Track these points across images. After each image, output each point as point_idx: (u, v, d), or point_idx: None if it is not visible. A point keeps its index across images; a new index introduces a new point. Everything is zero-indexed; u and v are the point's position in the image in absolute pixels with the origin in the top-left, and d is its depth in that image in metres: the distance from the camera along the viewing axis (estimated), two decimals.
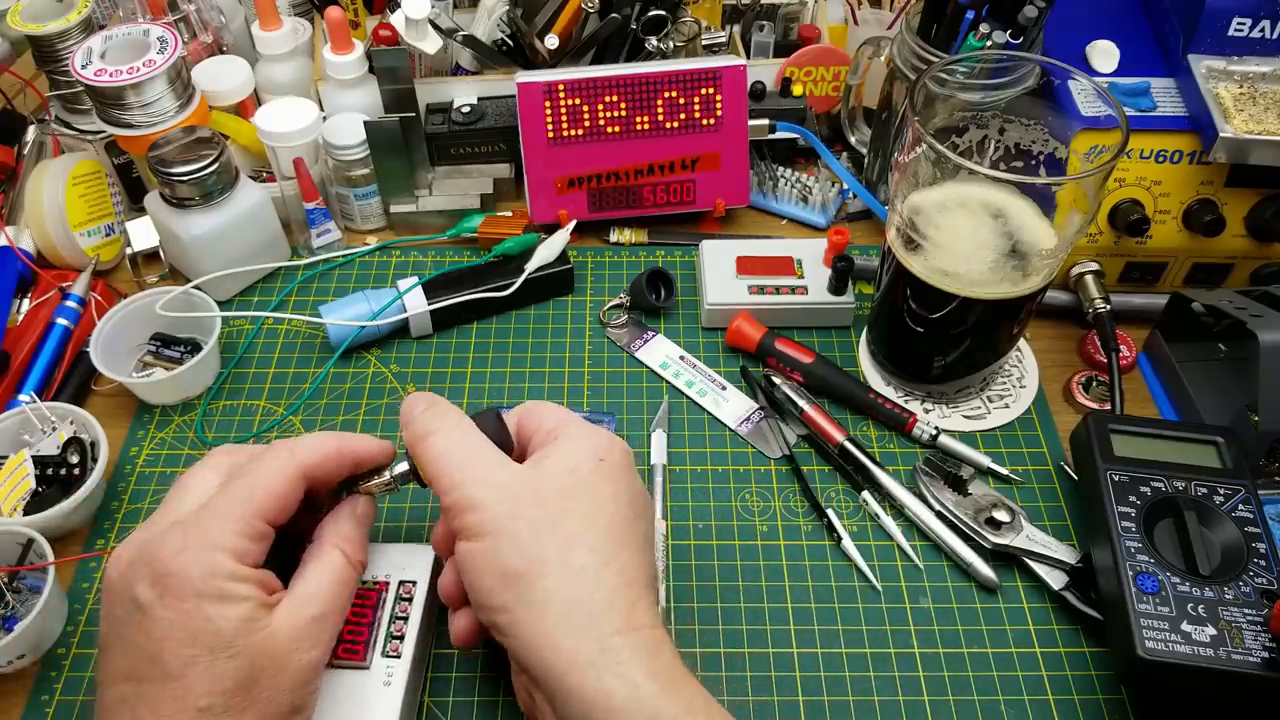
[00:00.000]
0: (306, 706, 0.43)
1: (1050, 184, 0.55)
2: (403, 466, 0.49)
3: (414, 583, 0.51)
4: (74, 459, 0.58)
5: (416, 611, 0.50)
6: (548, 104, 0.69)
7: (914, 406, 0.64)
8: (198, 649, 0.39)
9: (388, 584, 0.50)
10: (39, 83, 0.77)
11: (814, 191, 0.76)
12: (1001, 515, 0.56)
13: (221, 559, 0.41)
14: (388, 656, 0.48)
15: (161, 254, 0.70)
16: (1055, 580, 0.55)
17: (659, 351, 0.67)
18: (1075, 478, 0.59)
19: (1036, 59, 0.59)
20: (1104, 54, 0.65)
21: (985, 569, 0.55)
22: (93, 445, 0.59)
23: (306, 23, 0.80)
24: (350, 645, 0.48)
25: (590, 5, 0.71)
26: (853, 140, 0.78)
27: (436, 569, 0.52)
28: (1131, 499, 0.52)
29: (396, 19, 0.72)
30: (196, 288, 0.66)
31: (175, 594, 0.40)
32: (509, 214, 0.75)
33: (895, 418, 0.62)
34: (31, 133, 0.77)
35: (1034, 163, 0.59)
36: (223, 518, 0.42)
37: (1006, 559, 0.56)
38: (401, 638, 0.49)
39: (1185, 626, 0.47)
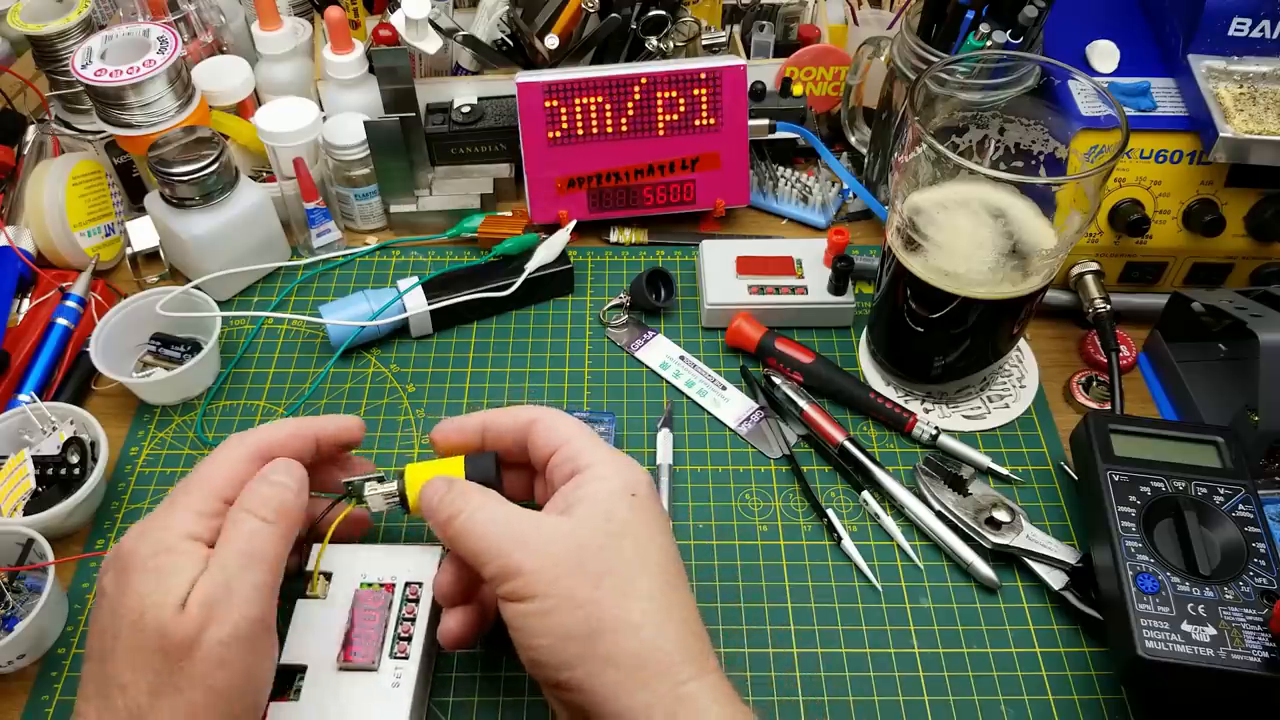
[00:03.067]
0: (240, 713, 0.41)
1: (1050, 184, 0.55)
2: (392, 485, 0.50)
3: (420, 584, 0.51)
4: (74, 459, 0.58)
5: (423, 613, 0.50)
6: (548, 104, 0.69)
7: (914, 406, 0.64)
8: (121, 625, 0.39)
9: (394, 586, 0.50)
10: (39, 83, 0.77)
11: (814, 191, 0.76)
12: (1001, 515, 0.56)
13: (167, 535, 0.41)
14: (396, 658, 0.48)
15: (161, 254, 0.70)
16: (1055, 580, 0.55)
17: (659, 351, 0.67)
18: (1075, 478, 0.59)
19: (1036, 59, 0.59)
20: (1104, 54, 0.65)
21: (985, 569, 0.55)
22: (93, 445, 0.59)
23: (306, 23, 0.80)
24: (358, 647, 0.48)
25: (590, 5, 0.71)
26: (853, 140, 0.78)
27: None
28: (1131, 499, 0.52)
29: (396, 19, 0.72)
30: (196, 288, 0.66)
31: (123, 572, 0.41)
32: (509, 214, 0.75)
33: (895, 418, 0.62)
34: (31, 133, 0.77)
35: (1034, 163, 0.59)
36: (174, 502, 0.44)
37: (1006, 559, 0.56)
38: (409, 639, 0.49)
39: (1185, 626, 0.47)
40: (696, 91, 0.70)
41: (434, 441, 0.50)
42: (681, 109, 0.70)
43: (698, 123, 0.71)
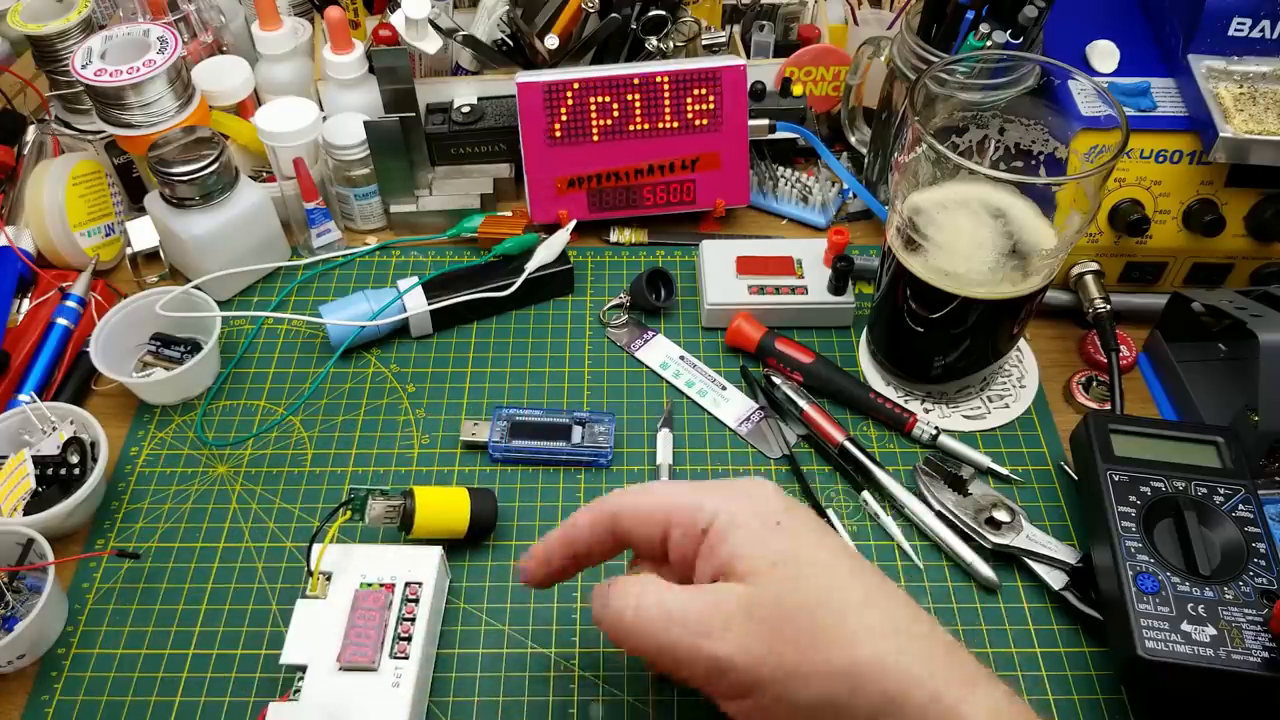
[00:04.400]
0: None
1: (1050, 184, 0.55)
2: (395, 501, 0.53)
3: (420, 584, 0.51)
4: (74, 459, 0.58)
5: (423, 613, 0.50)
6: (548, 104, 0.69)
7: (914, 406, 0.64)
8: None
9: (394, 586, 0.50)
10: (39, 83, 0.77)
11: (814, 191, 0.76)
12: (1001, 515, 0.56)
13: None
14: (396, 658, 0.48)
15: (161, 254, 0.70)
16: (1055, 580, 0.55)
17: (659, 351, 0.67)
18: (1075, 478, 0.59)
19: (1036, 59, 0.59)
20: (1104, 54, 0.65)
21: (985, 569, 0.55)
22: (93, 445, 0.59)
23: (306, 23, 0.80)
24: (358, 647, 0.48)
25: (590, 5, 0.71)
26: (853, 140, 0.78)
27: (441, 569, 0.52)
28: (1131, 499, 0.52)
29: (396, 19, 0.72)
30: (196, 288, 0.66)
31: None
32: (509, 214, 0.75)
33: (895, 418, 0.62)
34: (31, 133, 0.77)
35: (1034, 163, 0.59)
36: None
37: (1006, 559, 0.56)
38: (409, 639, 0.49)
39: (1185, 626, 0.47)
40: (696, 91, 0.70)
41: (528, 576, 0.46)
42: (681, 109, 0.70)
43: (698, 123, 0.71)
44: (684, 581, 0.42)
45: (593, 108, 0.69)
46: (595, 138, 0.71)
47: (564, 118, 0.70)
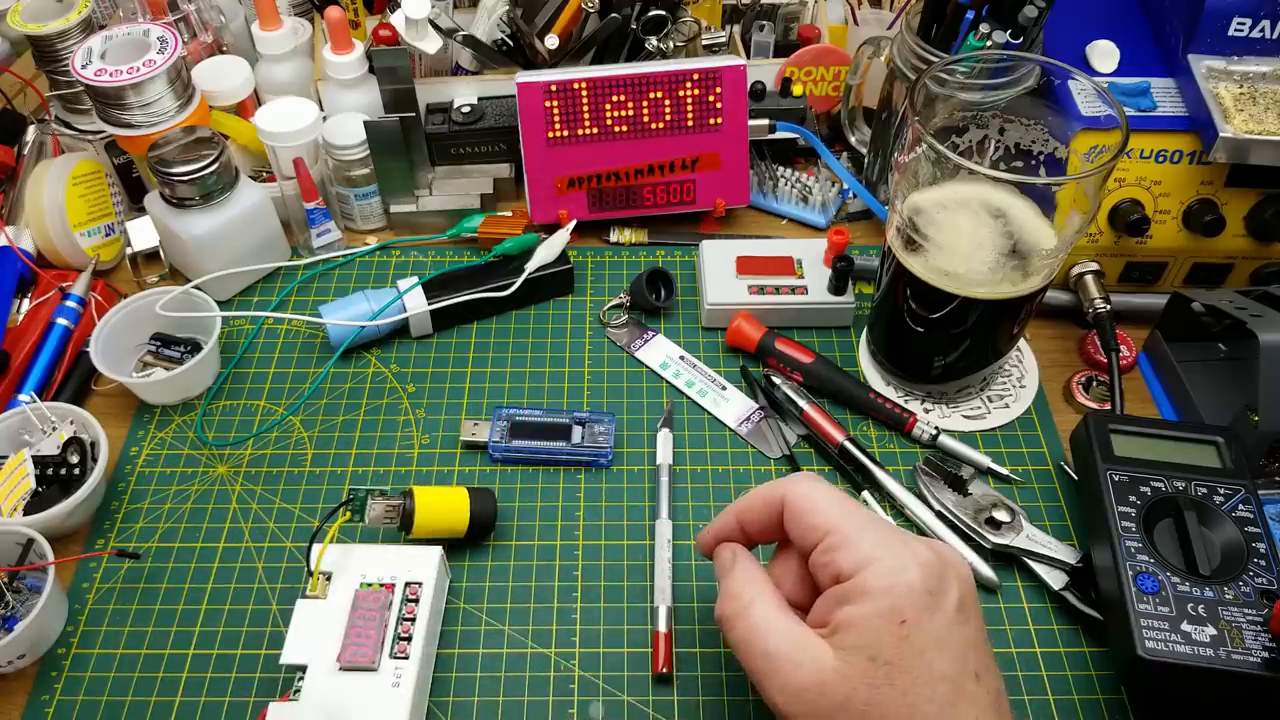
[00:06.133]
0: None
1: (1050, 184, 0.55)
2: (395, 501, 0.53)
3: (420, 584, 0.51)
4: (74, 459, 0.58)
5: (423, 613, 0.50)
6: (548, 104, 0.69)
7: (914, 406, 0.64)
8: None
9: (394, 586, 0.50)
10: (39, 83, 0.77)
11: (814, 191, 0.76)
12: (1001, 515, 0.56)
13: None
14: (396, 658, 0.48)
15: (161, 254, 0.70)
16: (1055, 580, 0.55)
17: (659, 351, 0.67)
18: (1075, 478, 0.59)
19: (1036, 59, 0.59)
20: (1104, 54, 0.65)
21: (985, 569, 0.55)
22: (93, 445, 0.59)
23: (306, 23, 0.80)
24: (358, 647, 0.48)
25: (590, 5, 0.71)
26: (853, 140, 0.78)
27: (441, 569, 0.53)
28: (1131, 499, 0.52)
29: (396, 19, 0.72)
30: (196, 288, 0.66)
31: None
32: (509, 214, 0.75)
33: (895, 418, 0.62)
34: (31, 133, 0.77)
35: (1034, 163, 0.59)
36: None
37: (1006, 559, 0.56)
38: (409, 639, 0.49)
39: (1185, 626, 0.47)
40: (696, 91, 0.70)
41: (701, 549, 0.49)
42: (681, 109, 0.70)
43: (697, 123, 0.71)
44: (804, 576, 0.44)
45: (593, 108, 0.69)
46: (595, 138, 0.71)
47: (564, 118, 0.70)
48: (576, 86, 0.69)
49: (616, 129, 0.70)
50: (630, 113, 0.70)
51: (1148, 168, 0.63)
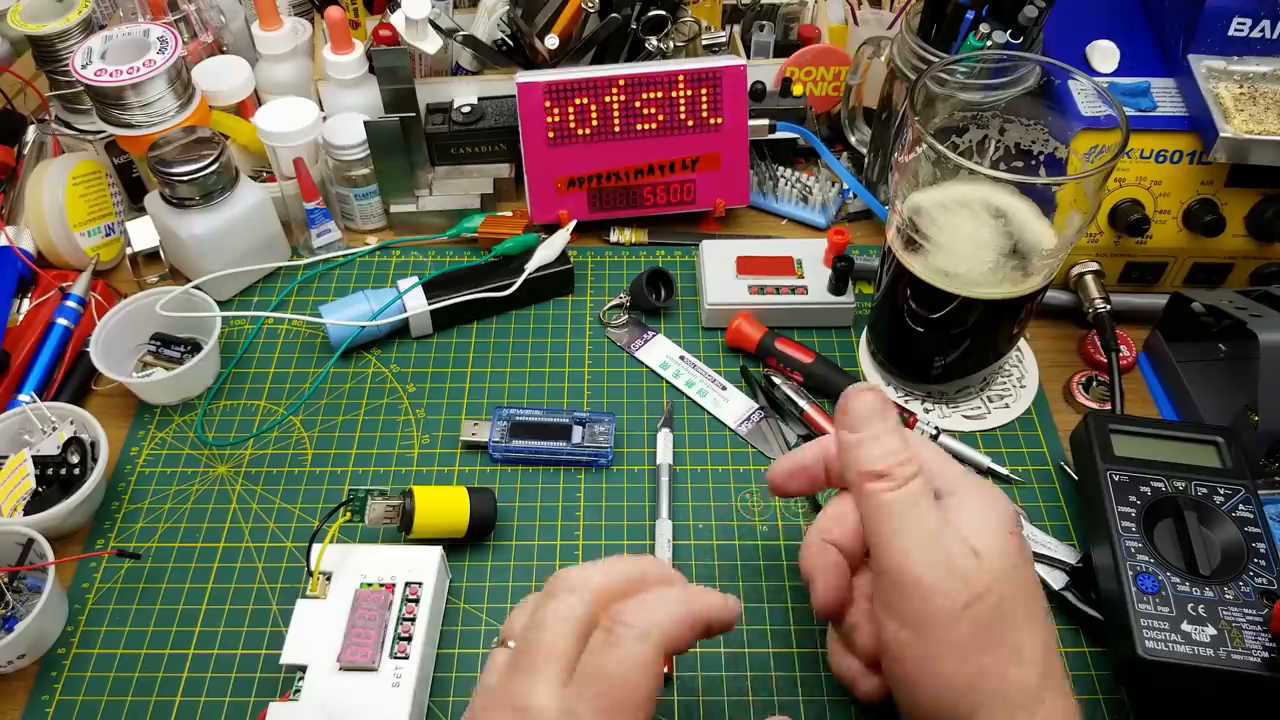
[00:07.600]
0: None
1: (1050, 184, 0.55)
2: (395, 501, 0.53)
3: (420, 584, 0.51)
4: (74, 459, 0.58)
5: (423, 613, 0.50)
6: (548, 104, 0.69)
7: (914, 406, 0.64)
8: None
9: (394, 586, 0.50)
10: (39, 83, 0.77)
11: (814, 191, 0.76)
12: None
13: None
14: (396, 658, 0.48)
15: (161, 254, 0.70)
16: (1055, 580, 0.55)
17: (659, 351, 0.67)
18: (1075, 478, 0.59)
19: (1036, 59, 0.59)
20: (1104, 54, 0.65)
21: None
22: (93, 445, 0.59)
23: (306, 23, 0.80)
24: (358, 647, 0.48)
25: (590, 5, 0.71)
26: (853, 140, 0.78)
27: (441, 569, 0.53)
28: (1131, 499, 0.52)
29: (396, 19, 0.72)
30: (196, 288, 0.66)
31: None
32: (509, 214, 0.75)
33: None
34: (31, 133, 0.77)
35: (1034, 163, 0.59)
36: None
37: None
38: (409, 639, 0.49)
39: (1185, 626, 0.47)
40: (697, 91, 0.70)
41: (772, 484, 0.50)
42: (681, 109, 0.70)
43: (697, 123, 0.71)
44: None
45: (593, 108, 0.69)
46: (595, 138, 0.71)
47: (564, 118, 0.70)
48: (577, 86, 0.69)
49: (616, 129, 0.70)
50: (630, 113, 0.70)
51: (1148, 168, 0.63)
